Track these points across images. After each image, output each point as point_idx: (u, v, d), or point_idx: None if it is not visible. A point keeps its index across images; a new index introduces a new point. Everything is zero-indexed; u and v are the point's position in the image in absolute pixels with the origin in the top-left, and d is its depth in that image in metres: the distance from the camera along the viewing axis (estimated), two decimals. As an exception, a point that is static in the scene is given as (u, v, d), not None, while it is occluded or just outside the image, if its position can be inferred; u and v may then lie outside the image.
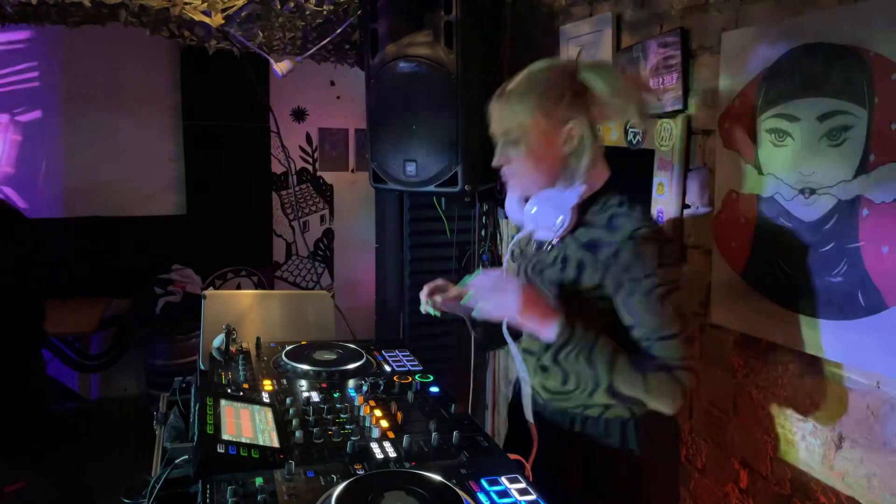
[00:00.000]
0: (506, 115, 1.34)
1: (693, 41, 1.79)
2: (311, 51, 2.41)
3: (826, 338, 1.44)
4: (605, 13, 2.09)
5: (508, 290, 1.27)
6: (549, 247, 1.41)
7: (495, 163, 1.39)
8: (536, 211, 1.35)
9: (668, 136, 1.87)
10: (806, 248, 1.46)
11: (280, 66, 2.31)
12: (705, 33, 1.75)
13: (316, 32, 2.57)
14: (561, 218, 1.32)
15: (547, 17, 2.44)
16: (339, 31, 2.40)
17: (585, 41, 2.20)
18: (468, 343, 2.97)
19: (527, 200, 1.38)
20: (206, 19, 1.97)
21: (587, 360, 1.25)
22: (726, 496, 1.80)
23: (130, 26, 2.47)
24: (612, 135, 2.08)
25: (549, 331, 1.27)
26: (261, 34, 2.39)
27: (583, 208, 1.34)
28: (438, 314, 1.50)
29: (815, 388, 1.52)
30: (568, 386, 1.38)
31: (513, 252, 1.56)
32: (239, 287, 4.71)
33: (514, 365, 1.49)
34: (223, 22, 2.02)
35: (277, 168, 4.82)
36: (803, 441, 1.56)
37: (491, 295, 1.29)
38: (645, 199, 1.98)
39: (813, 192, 1.44)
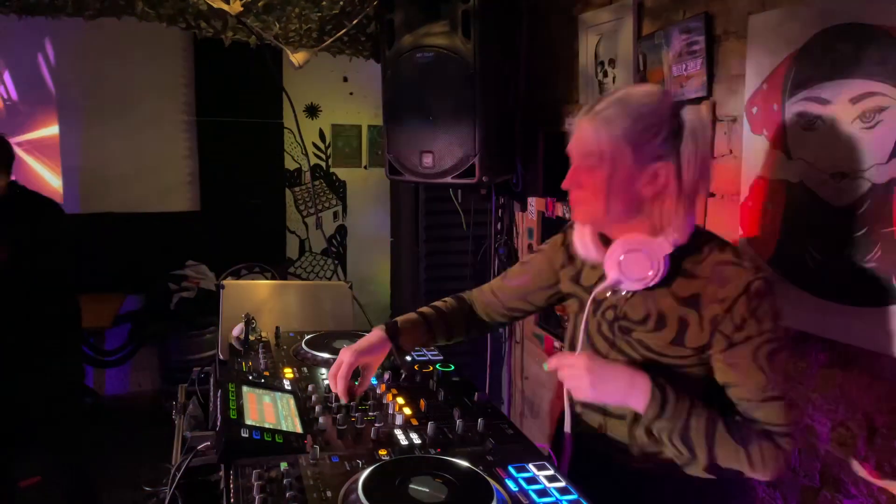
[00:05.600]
0: (588, 137, 1.19)
1: (717, 26, 1.76)
2: (328, 42, 2.40)
3: (858, 325, 1.41)
4: (626, 0, 2.07)
5: (576, 373, 1.19)
6: (631, 298, 1.25)
7: (565, 185, 1.24)
8: (624, 258, 1.18)
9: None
10: (838, 233, 1.43)
11: (296, 57, 2.30)
12: (730, 17, 1.72)
13: (331, 24, 2.56)
14: (652, 270, 1.17)
15: (565, 4, 2.41)
16: (355, 21, 2.39)
17: (605, 29, 2.17)
18: (484, 339, 2.95)
19: (602, 237, 1.26)
20: (225, 6, 1.96)
21: (682, 438, 1.15)
22: (753, 490, 1.77)
23: (145, 19, 2.46)
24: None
25: (637, 401, 1.17)
26: (277, 25, 2.38)
27: (677, 257, 1.19)
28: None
29: (845, 378, 1.48)
30: (665, 453, 1.24)
31: (594, 304, 1.32)
32: (252, 283, 4.70)
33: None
34: (241, 10, 2.01)
35: (290, 164, 4.82)
36: (834, 432, 1.52)
37: (566, 380, 1.21)
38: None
39: (845, 176, 1.41)
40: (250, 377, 1.44)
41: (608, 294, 1.28)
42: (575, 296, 1.39)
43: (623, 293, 1.26)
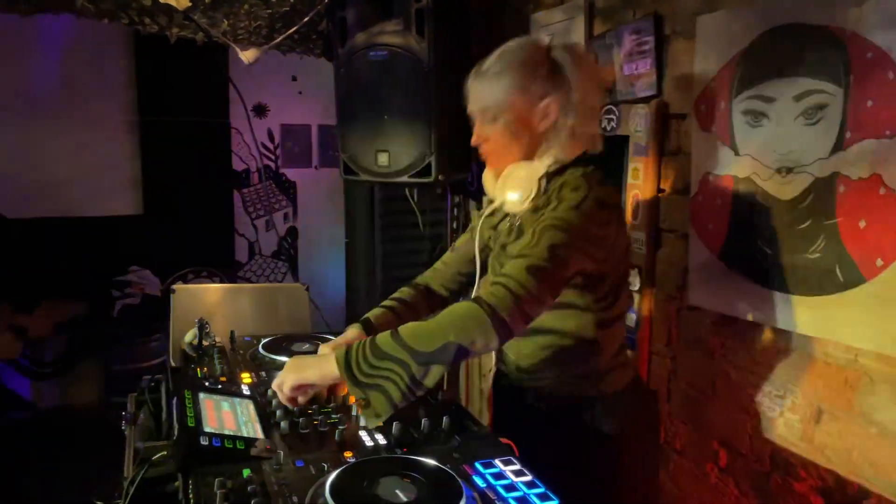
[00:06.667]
0: (482, 94, 1.33)
1: (666, 26, 1.81)
2: (278, 39, 2.35)
3: (804, 314, 1.47)
4: (577, 0, 2.10)
5: (283, 370, 1.27)
6: (513, 220, 1.39)
7: (474, 141, 1.38)
8: (504, 183, 1.33)
9: (642, 121, 1.88)
10: (783, 226, 1.49)
11: (246, 55, 2.24)
12: (678, 18, 1.76)
13: (282, 22, 2.50)
14: (522, 190, 1.30)
15: (517, 4, 2.44)
16: (306, 19, 2.35)
17: (557, 29, 2.20)
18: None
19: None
20: (172, 2, 1.90)
21: (376, 354, 1.13)
22: (706, 476, 1.82)
23: (84, 15, 2.36)
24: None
25: (330, 363, 1.17)
26: (225, 22, 2.32)
27: (549, 181, 1.32)
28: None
29: (793, 365, 1.54)
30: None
31: (479, 227, 1.49)
32: (200, 288, 4.57)
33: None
34: (190, 4, 1.95)
35: (238, 165, 4.71)
36: (782, 417, 1.58)
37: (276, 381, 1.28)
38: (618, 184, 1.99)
39: (790, 170, 1.46)
40: (207, 383, 1.40)
41: (501, 221, 1.42)
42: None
43: (508, 220, 1.39)
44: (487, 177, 1.42)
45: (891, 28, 1.24)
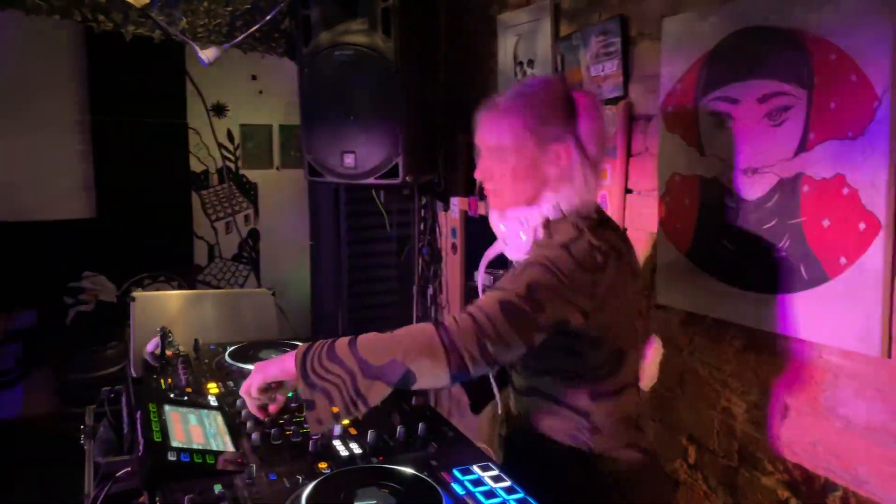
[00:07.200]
0: (492, 130, 1.25)
1: (632, 28, 1.82)
2: (240, 38, 2.29)
3: (770, 311, 1.50)
4: (543, 1, 2.10)
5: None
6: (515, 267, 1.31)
7: (477, 176, 1.29)
8: (505, 228, 1.27)
9: (609, 122, 1.89)
10: (749, 225, 1.51)
11: (206, 53, 2.18)
12: (644, 20, 1.78)
13: (243, 20, 2.45)
14: (523, 236, 1.24)
15: (483, 5, 2.43)
16: (268, 17, 2.30)
17: (523, 30, 2.20)
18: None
19: None
20: (131, -1, 1.83)
21: (330, 357, 1.08)
22: (675, 472, 1.84)
23: (34, 12, 2.26)
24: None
25: (290, 359, 1.13)
26: (184, 20, 2.25)
27: (549, 228, 1.23)
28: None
29: (759, 362, 1.57)
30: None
31: (484, 270, 1.43)
32: (158, 293, 4.44)
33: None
34: (147, 2, 1.88)
35: (197, 166, 4.59)
36: (749, 413, 1.61)
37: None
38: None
39: (755, 171, 1.49)
40: (172, 395, 1.35)
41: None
42: None
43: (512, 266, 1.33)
44: (493, 218, 1.33)
45: (853, 31, 1.27)
